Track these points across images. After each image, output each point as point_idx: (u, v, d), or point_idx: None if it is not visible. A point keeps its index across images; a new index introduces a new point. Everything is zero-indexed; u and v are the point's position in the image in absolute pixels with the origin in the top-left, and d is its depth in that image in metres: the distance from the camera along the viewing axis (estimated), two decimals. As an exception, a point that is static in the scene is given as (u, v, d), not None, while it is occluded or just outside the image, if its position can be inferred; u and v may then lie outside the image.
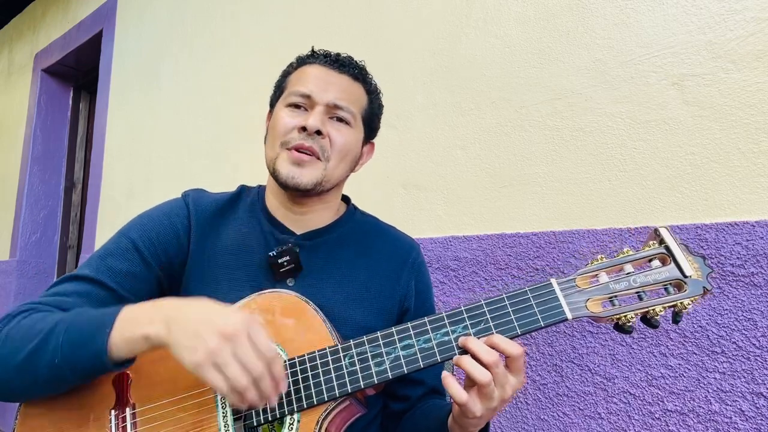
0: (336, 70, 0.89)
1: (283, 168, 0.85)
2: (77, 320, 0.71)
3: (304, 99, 0.87)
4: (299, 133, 0.85)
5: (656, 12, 1.09)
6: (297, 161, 0.84)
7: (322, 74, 0.88)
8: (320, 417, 0.72)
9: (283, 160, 0.85)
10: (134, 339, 0.67)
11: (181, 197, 0.93)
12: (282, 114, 0.87)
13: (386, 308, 0.91)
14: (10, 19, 3.99)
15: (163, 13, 2.57)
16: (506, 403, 0.69)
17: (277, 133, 0.87)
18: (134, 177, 2.56)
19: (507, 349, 0.66)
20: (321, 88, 0.87)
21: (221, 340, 0.61)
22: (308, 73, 0.89)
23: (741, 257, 0.95)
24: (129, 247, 0.86)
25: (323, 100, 0.86)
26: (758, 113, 0.96)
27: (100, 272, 0.83)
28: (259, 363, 0.62)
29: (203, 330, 0.62)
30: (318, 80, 0.87)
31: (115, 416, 0.76)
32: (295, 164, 0.84)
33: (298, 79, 0.89)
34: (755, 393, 0.92)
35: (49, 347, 0.69)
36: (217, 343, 0.61)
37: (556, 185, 1.20)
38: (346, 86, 0.90)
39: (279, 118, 0.88)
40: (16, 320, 0.75)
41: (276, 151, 0.87)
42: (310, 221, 0.92)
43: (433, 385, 0.93)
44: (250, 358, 0.61)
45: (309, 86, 0.87)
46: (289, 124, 0.86)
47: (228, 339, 0.61)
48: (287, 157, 0.85)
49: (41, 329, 0.71)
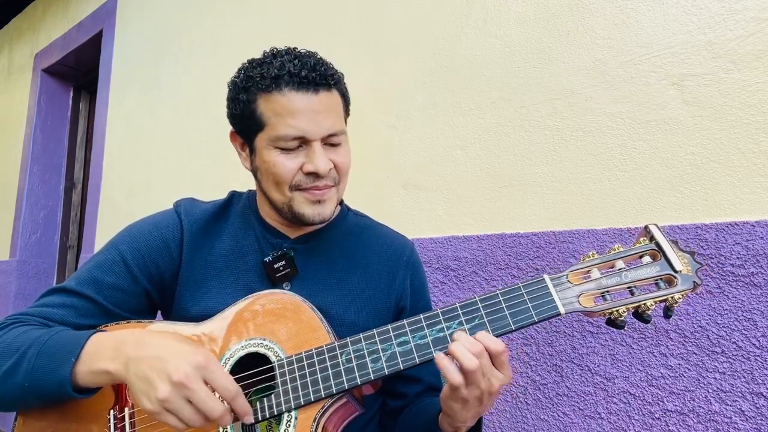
0: (313, 92, 0.80)
1: (305, 210, 0.84)
2: (49, 345, 0.72)
3: (297, 141, 0.81)
4: (307, 176, 0.82)
5: (656, 12, 1.09)
6: (319, 199, 0.84)
7: (304, 105, 0.79)
8: (317, 414, 0.72)
9: (301, 202, 0.84)
10: (97, 372, 0.69)
11: (173, 208, 0.94)
12: (277, 159, 0.81)
13: (382, 308, 0.91)
14: (10, 19, 3.99)
15: (163, 13, 2.57)
16: (493, 398, 0.71)
17: (281, 178, 0.82)
18: (134, 177, 2.56)
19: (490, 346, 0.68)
20: (312, 123, 0.79)
21: (173, 388, 0.62)
22: (287, 108, 0.79)
23: (741, 257, 0.95)
24: (117, 259, 0.86)
25: (318, 135, 0.80)
26: (758, 113, 0.96)
27: (86, 285, 0.84)
28: (215, 405, 0.63)
29: (156, 377, 0.63)
30: (304, 116, 0.79)
31: (114, 416, 0.76)
32: (315, 203, 0.84)
33: (278, 115, 0.80)
34: (755, 393, 0.92)
35: (21, 370, 0.71)
36: (169, 392, 0.62)
37: (556, 185, 1.20)
38: (329, 106, 0.82)
39: (277, 163, 0.81)
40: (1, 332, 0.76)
41: (287, 195, 0.83)
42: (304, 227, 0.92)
43: (430, 382, 0.94)
44: (204, 402, 0.63)
45: (298, 126, 0.79)
46: (292, 168, 0.81)
47: (179, 386, 0.62)
48: (305, 199, 0.84)
49: (17, 348, 0.72)
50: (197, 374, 0.63)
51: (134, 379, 0.65)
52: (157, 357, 0.65)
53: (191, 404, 0.63)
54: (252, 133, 0.85)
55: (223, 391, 0.65)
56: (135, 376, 0.65)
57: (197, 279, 0.88)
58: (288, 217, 0.87)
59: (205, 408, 0.63)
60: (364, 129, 1.57)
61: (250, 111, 0.82)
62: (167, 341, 0.67)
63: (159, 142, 2.46)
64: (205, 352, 0.67)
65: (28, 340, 0.73)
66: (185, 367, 0.63)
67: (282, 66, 0.80)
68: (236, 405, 0.66)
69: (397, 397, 0.93)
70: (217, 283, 0.88)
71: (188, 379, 0.62)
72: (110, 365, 0.68)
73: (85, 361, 0.70)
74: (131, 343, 0.68)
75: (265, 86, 0.80)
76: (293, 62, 0.81)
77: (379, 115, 1.56)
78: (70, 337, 0.73)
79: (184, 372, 0.62)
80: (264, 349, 0.77)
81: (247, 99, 0.83)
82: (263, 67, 0.82)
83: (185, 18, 2.42)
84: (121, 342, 0.69)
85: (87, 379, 0.70)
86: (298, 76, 0.79)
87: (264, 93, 0.81)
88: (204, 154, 2.19)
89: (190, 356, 0.64)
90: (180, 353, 0.65)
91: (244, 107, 0.83)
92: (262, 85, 0.81)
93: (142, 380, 0.64)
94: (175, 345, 0.66)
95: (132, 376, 0.65)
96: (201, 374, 0.64)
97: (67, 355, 0.70)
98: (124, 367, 0.66)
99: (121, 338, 0.70)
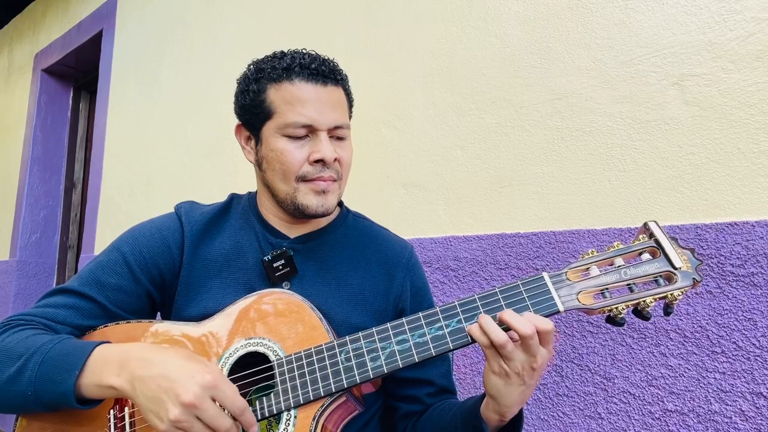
0: (321, 84, 0.83)
1: (309, 201, 0.85)
2: (53, 353, 0.72)
3: (305, 129, 0.83)
4: (313, 165, 0.83)
5: (656, 12, 1.09)
6: (323, 190, 0.85)
7: (313, 95, 0.82)
8: (317, 413, 0.72)
9: (305, 193, 0.84)
10: (102, 386, 0.69)
11: (174, 211, 0.95)
12: (285, 147, 0.83)
13: (381, 310, 0.91)
14: (10, 19, 4.00)
15: (163, 13, 2.57)
16: (537, 377, 0.69)
17: (288, 168, 0.83)
18: (134, 177, 2.56)
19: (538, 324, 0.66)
20: (319, 112, 0.82)
21: (183, 409, 0.63)
22: (296, 96, 0.82)
23: (741, 257, 0.95)
24: (119, 261, 0.87)
25: (325, 125, 0.83)
26: (758, 113, 0.96)
27: (89, 286, 0.84)
28: (224, 421, 0.65)
29: (165, 398, 0.63)
30: (312, 105, 0.82)
31: (114, 416, 0.76)
32: (320, 194, 0.85)
33: (287, 103, 0.82)
34: (755, 393, 0.92)
35: (24, 378, 0.71)
36: (180, 413, 0.63)
37: (556, 185, 1.20)
38: (336, 99, 0.85)
39: (284, 152, 0.83)
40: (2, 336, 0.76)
41: (293, 186, 0.84)
42: (304, 226, 0.93)
43: (442, 384, 0.93)
44: (214, 419, 0.64)
45: (307, 114, 0.82)
46: (300, 157, 0.83)
47: (190, 407, 0.63)
48: (309, 190, 0.84)
49: (21, 354, 0.72)
50: (206, 394, 0.64)
51: (143, 399, 0.65)
52: (164, 376, 0.65)
53: (201, 421, 0.64)
54: (260, 122, 0.86)
55: (231, 408, 0.66)
56: (143, 396, 0.65)
57: (198, 280, 0.89)
58: (290, 210, 0.87)
59: (215, 425, 0.64)
60: (364, 129, 1.57)
61: (260, 101, 0.85)
62: (173, 359, 0.68)
63: (159, 142, 2.46)
64: (212, 368, 0.67)
65: (31, 347, 0.73)
66: (194, 388, 0.63)
67: (293, 59, 0.84)
68: (244, 420, 0.68)
69: (410, 401, 0.93)
70: (218, 282, 0.88)
71: (198, 400, 0.63)
72: (115, 381, 0.68)
73: (90, 374, 0.70)
74: (135, 358, 0.68)
75: (276, 76, 0.84)
76: (303, 57, 0.85)
77: (379, 115, 1.56)
78: (74, 347, 0.73)
79: (194, 393, 0.63)
80: (264, 348, 0.77)
81: (257, 89, 0.85)
82: (274, 60, 0.86)
83: (185, 18, 2.43)
84: (126, 357, 0.69)
85: (91, 392, 0.70)
86: (308, 68, 0.83)
87: (274, 83, 0.84)
88: (204, 154, 2.19)
89: (198, 376, 0.65)
90: (188, 372, 0.65)
91: (254, 97, 0.86)
92: (273, 75, 0.84)
93: (151, 401, 0.64)
94: (181, 362, 0.67)
95: (140, 395, 0.66)
96: (210, 393, 0.64)
97: (71, 367, 0.70)
98: (130, 385, 0.67)
99: (126, 352, 0.70)
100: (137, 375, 0.66)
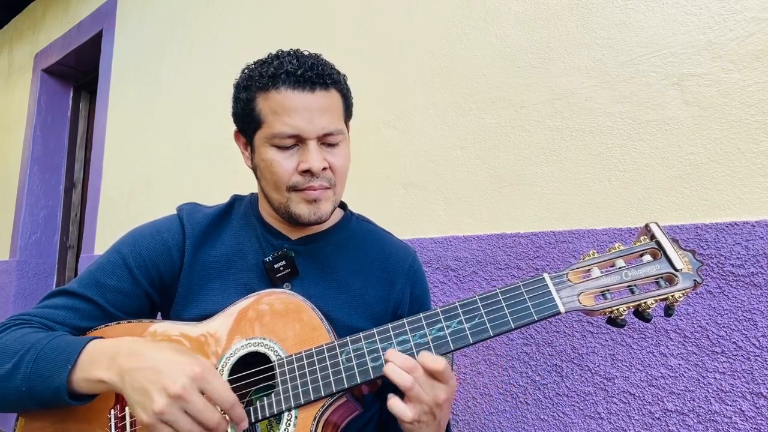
0: (309, 91, 0.80)
1: (301, 210, 0.84)
2: (46, 350, 0.72)
3: (292, 139, 0.81)
4: (302, 175, 0.82)
5: (656, 12, 1.09)
6: (314, 199, 0.84)
7: (300, 103, 0.80)
8: (317, 413, 0.72)
9: (296, 203, 0.84)
10: (93, 381, 0.69)
11: (176, 213, 0.94)
12: (274, 157, 0.82)
13: (380, 314, 0.91)
14: (10, 19, 3.99)
15: (163, 13, 2.57)
16: (446, 410, 0.71)
17: (278, 179, 0.83)
18: (134, 177, 2.56)
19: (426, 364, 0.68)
20: (306, 121, 0.80)
21: (169, 400, 0.62)
22: (282, 105, 0.80)
23: (741, 257, 0.95)
24: (119, 263, 0.87)
25: (313, 133, 0.81)
26: (758, 113, 0.96)
27: (89, 288, 0.84)
28: (212, 415, 0.63)
29: (152, 389, 0.63)
30: (299, 114, 0.79)
31: (115, 416, 0.76)
32: (311, 203, 0.84)
33: (274, 113, 0.81)
34: (755, 393, 0.92)
35: (19, 374, 0.71)
36: (165, 404, 0.61)
37: (556, 185, 1.20)
38: (326, 104, 0.82)
39: (273, 162, 0.82)
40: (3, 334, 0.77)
41: (285, 195, 0.84)
42: (306, 228, 0.93)
43: None
44: (201, 412, 0.63)
45: (293, 124, 0.80)
46: (288, 168, 0.82)
47: (177, 399, 0.62)
48: (301, 199, 0.84)
49: (16, 351, 0.72)
50: (194, 385, 0.63)
51: (130, 390, 0.65)
52: (152, 369, 0.64)
53: (188, 415, 0.63)
54: (251, 131, 0.85)
55: (220, 401, 0.65)
56: (131, 388, 0.65)
57: (198, 282, 0.88)
58: (285, 217, 0.87)
59: (203, 419, 0.63)
60: (364, 129, 1.57)
61: (250, 109, 0.84)
62: (162, 351, 0.67)
63: (159, 142, 2.46)
64: (201, 362, 0.66)
65: (27, 344, 0.73)
66: (182, 379, 0.63)
67: (280, 65, 0.81)
68: (233, 414, 0.66)
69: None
70: (219, 284, 0.88)
71: (185, 392, 0.62)
72: (105, 374, 0.68)
73: (81, 369, 0.70)
74: (126, 353, 0.68)
75: (263, 84, 0.82)
76: (292, 62, 0.82)
77: (379, 115, 1.56)
78: (67, 344, 0.73)
79: (181, 384, 0.62)
80: (264, 348, 0.77)
81: (246, 97, 0.84)
82: (263, 66, 0.84)
83: (185, 18, 2.42)
84: (117, 351, 0.69)
85: (83, 386, 0.70)
86: (294, 75, 0.80)
87: (262, 91, 0.82)
88: (204, 154, 2.19)
89: (186, 367, 0.64)
90: (176, 364, 0.64)
91: (245, 105, 0.85)
92: (260, 83, 0.82)
93: (138, 392, 0.64)
94: (171, 355, 0.66)
95: (128, 387, 0.65)
96: (198, 385, 0.64)
97: (63, 362, 0.70)
98: (119, 378, 0.66)
99: (117, 347, 0.70)
100: (126, 368, 0.66)
